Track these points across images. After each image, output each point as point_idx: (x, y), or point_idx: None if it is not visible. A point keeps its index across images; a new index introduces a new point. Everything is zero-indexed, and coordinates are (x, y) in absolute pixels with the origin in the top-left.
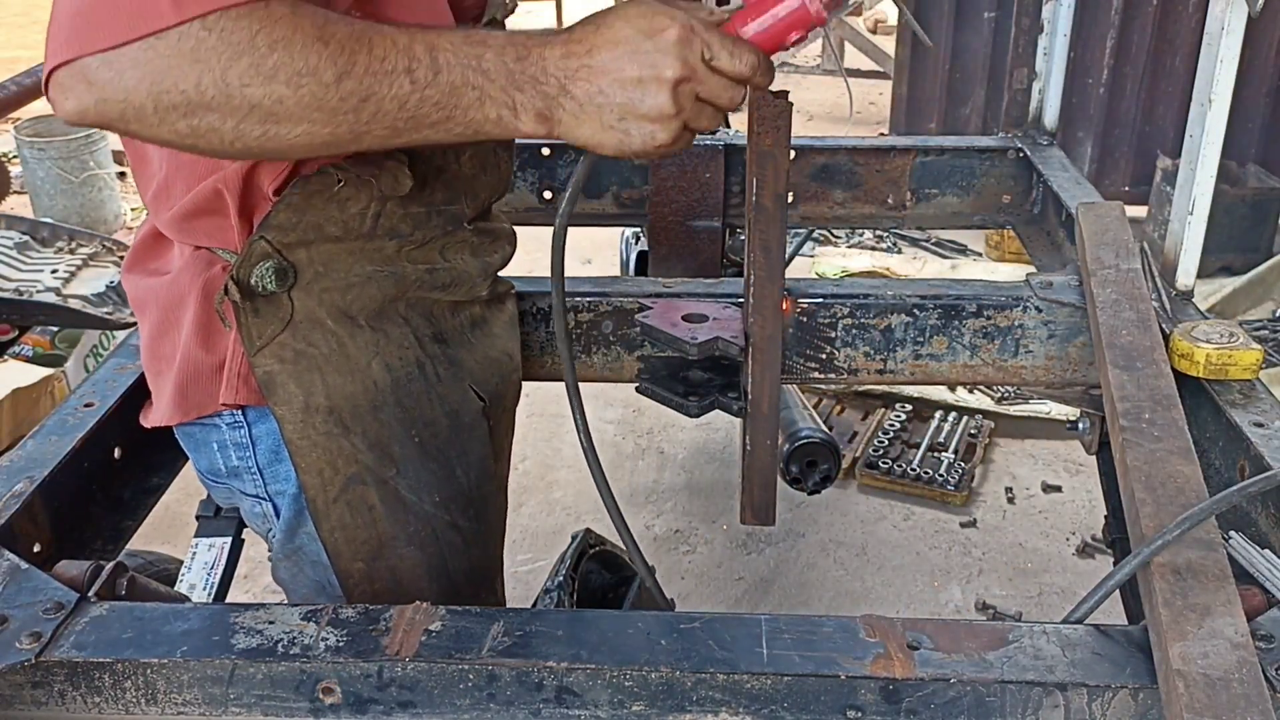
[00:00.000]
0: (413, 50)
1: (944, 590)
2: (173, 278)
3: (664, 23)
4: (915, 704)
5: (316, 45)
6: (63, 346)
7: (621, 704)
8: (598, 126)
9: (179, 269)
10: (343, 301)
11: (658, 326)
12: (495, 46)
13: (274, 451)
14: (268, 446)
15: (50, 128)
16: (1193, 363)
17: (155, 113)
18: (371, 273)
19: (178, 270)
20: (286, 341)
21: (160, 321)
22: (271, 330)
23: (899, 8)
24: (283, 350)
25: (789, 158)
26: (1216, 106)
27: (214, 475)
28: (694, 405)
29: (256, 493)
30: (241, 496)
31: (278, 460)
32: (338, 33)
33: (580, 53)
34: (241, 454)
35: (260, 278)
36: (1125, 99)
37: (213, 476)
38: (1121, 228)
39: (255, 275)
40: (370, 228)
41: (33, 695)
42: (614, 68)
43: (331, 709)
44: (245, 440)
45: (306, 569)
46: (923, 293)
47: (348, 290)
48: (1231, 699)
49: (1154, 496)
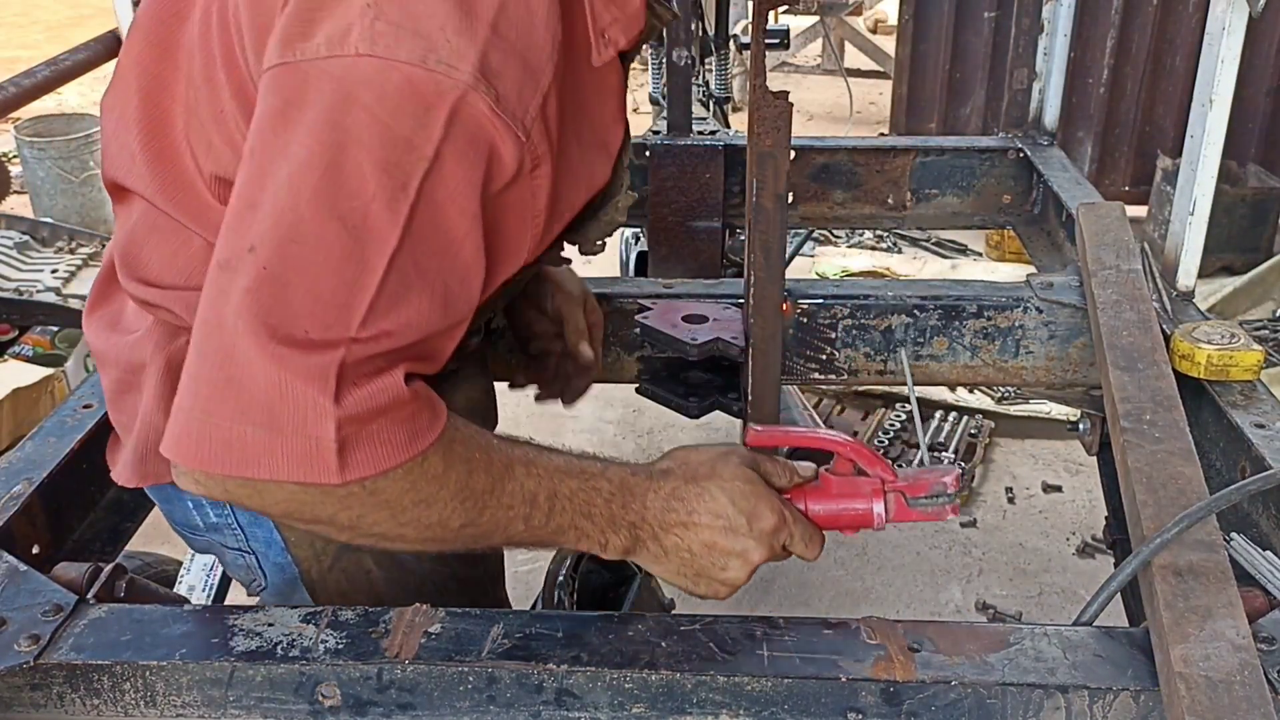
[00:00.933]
0: (536, 499)
1: (944, 590)
2: (134, 342)
3: (764, 512)
4: (916, 706)
5: (454, 502)
6: (63, 346)
7: (622, 706)
8: (673, 572)
9: (139, 335)
10: None
11: (658, 327)
12: (605, 493)
13: (254, 516)
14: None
15: (50, 127)
16: (1194, 363)
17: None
18: None
19: (138, 336)
20: None
21: (120, 380)
22: None
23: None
24: None
25: (789, 158)
26: (1217, 106)
27: (191, 529)
28: (694, 406)
29: (239, 546)
30: (222, 549)
31: (257, 521)
32: (477, 484)
33: (681, 511)
34: (219, 511)
35: None
36: (1125, 99)
37: (189, 530)
38: (1122, 228)
39: None
40: None
41: (31, 697)
42: (708, 538)
43: (331, 711)
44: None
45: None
46: (923, 293)
47: None
48: (1233, 701)
49: (1155, 498)
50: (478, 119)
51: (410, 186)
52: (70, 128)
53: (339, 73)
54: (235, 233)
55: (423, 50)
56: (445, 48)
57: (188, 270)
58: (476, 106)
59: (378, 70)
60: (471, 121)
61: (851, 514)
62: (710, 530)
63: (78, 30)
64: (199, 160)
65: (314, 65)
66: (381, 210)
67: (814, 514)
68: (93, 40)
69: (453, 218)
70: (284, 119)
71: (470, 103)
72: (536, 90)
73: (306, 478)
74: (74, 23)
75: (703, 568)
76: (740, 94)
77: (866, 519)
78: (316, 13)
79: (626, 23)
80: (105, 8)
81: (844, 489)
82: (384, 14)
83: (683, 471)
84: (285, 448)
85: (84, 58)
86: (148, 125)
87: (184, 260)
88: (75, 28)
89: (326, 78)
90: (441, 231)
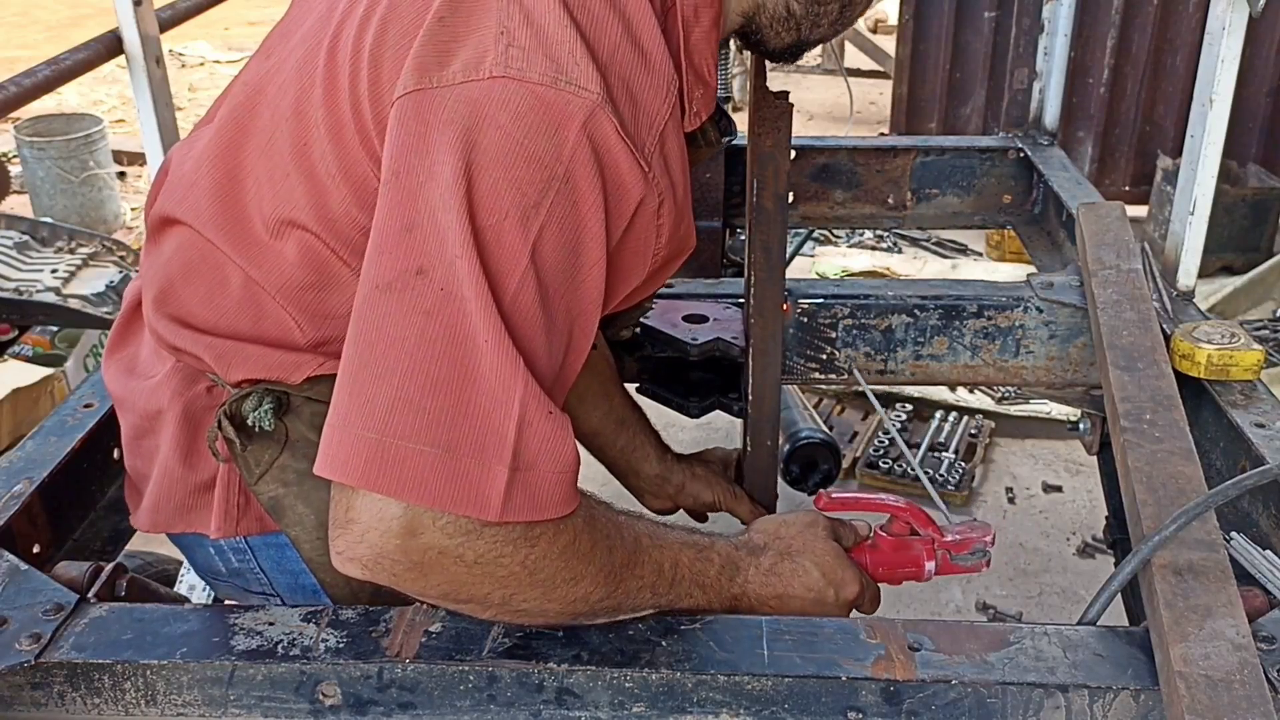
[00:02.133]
0: (662, 570)
1: (944, 590)
2: (151, 388)
3: (849, 583)
4: (916, 705)
5: (599, 577)
6: (63, 346)
7: (622, 705)
8: None
9: (157, 380)
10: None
11: (658, 327)
12: (717, 565)
13: (276, 561)
14: (269, 556)
15: (50, 127)
16: (1194, 363)
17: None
18: None
19: (156, 382)
20: (287, 464)
21: (137, 425)
22: (269, 455)
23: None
24: (284, 474)
25: (789, 158)
26: (1217, 106)
27: (214, 575)
28: (694, 405)
29: (263, 590)
30: (245, 594)
31: (280, 569)
32: (617, 559)
33: (778, 586)
34: (241, 557)
35: (258, 419)
36: (1125, 99)
37: (212, 576)
38: (1122, 228)
39: (252, 416)
40: None
41: (32, 696)
42: (799, 608)
43: (331, 710)
44: (243, 546)
45: None
46: (923, 293)
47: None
48: (1233, 700)
49: (1155, 497)
50: (606, 140)
51: (542, 205)
52: (70, 128)
53: (476, 95)
54: (393, 255)
55: (554, 72)
56: (575, 70)
57: (223, 311)
58: (604, 127)
59: (511, 90)
60: (600, 141)
61: (909, 571)
62: (802, 602)
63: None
64: (263, 201)
65: (451, 90)
66: (514, 228)
67: (874, 572)
68: (93, 40)
69: (584, 241)
70: (425, 141)
71: (599, 122)
72: (651, 127)
73: (466, 509)
74: (74, 23)
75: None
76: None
77: (918, 574)
78: (451, 44)
79: (706, 100)
80: (105, 8)
81: (899, 548)
82: (516, 40)
83: (777, 546)
84: (458, 470)
85: (84, 58)
86: (221, 166)
87: (221, 300)
88: (75, 28)
89: (463, 101)
90: (571, 254)
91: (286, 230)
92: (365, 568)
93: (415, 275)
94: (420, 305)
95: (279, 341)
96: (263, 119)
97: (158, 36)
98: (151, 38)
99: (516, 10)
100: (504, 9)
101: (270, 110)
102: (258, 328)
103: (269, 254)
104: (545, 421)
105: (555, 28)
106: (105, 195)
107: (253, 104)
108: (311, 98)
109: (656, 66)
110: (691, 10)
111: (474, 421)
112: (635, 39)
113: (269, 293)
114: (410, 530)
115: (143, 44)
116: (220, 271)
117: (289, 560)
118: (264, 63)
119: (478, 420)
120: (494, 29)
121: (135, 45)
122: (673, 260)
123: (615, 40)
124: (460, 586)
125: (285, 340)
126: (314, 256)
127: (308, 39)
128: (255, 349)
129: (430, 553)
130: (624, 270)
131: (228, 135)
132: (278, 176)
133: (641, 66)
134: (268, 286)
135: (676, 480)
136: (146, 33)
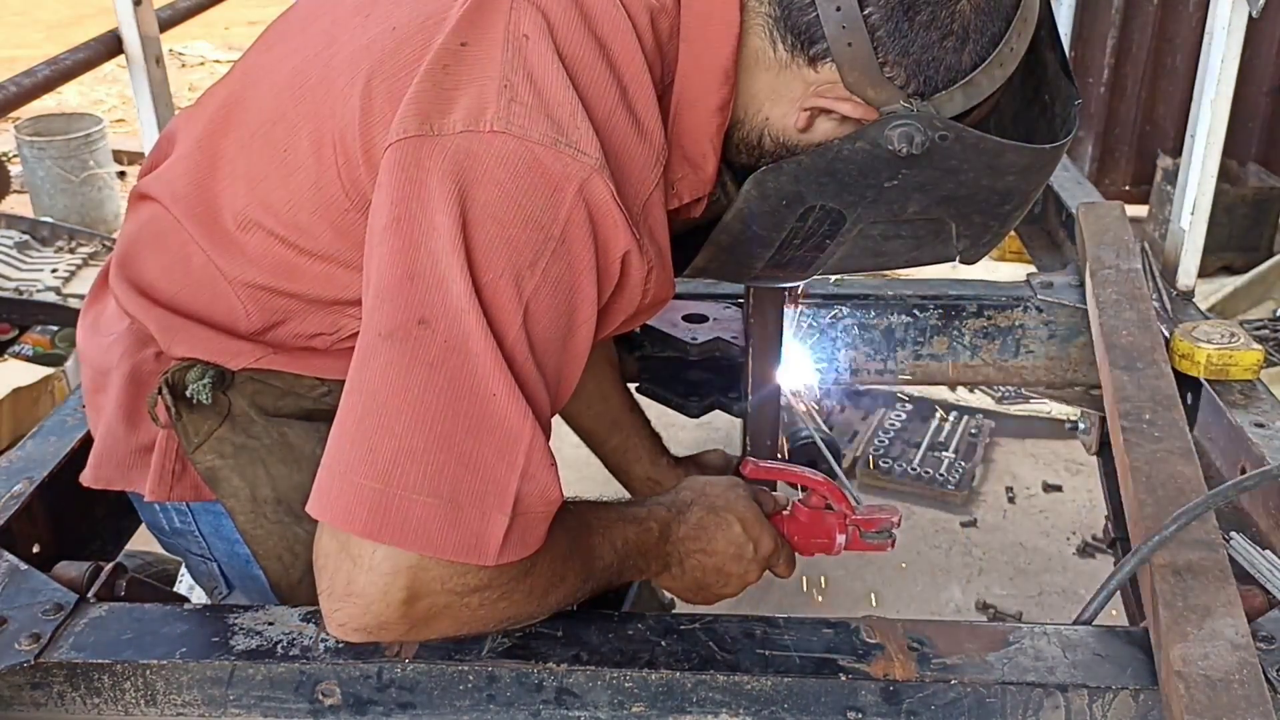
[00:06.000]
0: (615, 545)
1: (944, 590)
2: (107, 345)
3: (766, 540)
4: (916, 705)
5: (578, 567)
6: (63, 346)
7: (621, 705)
8: (681, 587)
9: (113, 339)
10: (273, 407)
11: (658, 327)
12: (655, 534)
13: (214, 528)
14: (208, 521)
15: (50, 127)
16: (1193, 363)
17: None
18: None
19: (112, 340)
20: (225, 436)
21: (93, 380)
22: (209, 426)
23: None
24: (222, 445)
25: None
26: (1217, 106)
27: (159, 531)
28: (694, 405)
29: (201, 554)
30: (187, 554)
31: (217, 535)
32: (579, 547)
33: (702, 540)
34: (183, 519)
35: (197, 391)
36: (1125, 99)
37: (159, 532)
38: (1122, 227)
39: (192, 389)
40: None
41: (32, 696)
42: (718, 563)
43: (331, 710)
44: (185, 509)
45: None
46: (923, 293)
47: (281, 398)
48: (1232, 700)
49: (1155, 497)
50: (601, 204)
51: (537, 266)
52: (70, 127)
53: (477, 148)
54: (394, 304)
55: (554, 133)
56: (575, 133)
57: (180, 286)
58: (600, 192)
59: (511, 148)
60: (595, 205)
61: (820, 543)
62: (723, 556)
63: (78, 30)
64: (237, 196)
65: (451, 140)
66: (508, 286)
67: (790, 540)
68: (93, 40)
69: (576, 303)
70: (424, 189)
71: (595, 186)
72: (638, 195)
73: (465, 557)
74: (74, 22)
75: (708, 584)
76: None
77: (829, 547)
78: (453, 91)
79: (695, 184)
80: (105, 7)
81: (814, 519)
82: (518, 96)
83: (703, 502)
84: (460, 520)
85: (84, 58)
86: (204, 151)
87: (179, 275)
88: (75, 27)
89: (463, 153)
90: (563, 315)
91: (254, 228)
92: (370, 634)
93: (417, 325)
94: (424, 357)
95: (224, 326)
96: (249, 114)
97: (158, 36)
98: (151, 37)
99: (520, 64)
100: (508, 61)
101: (258, 108)
102: (209, 309)
103: (234, 245)
104: (545, 472)
105: (557, 87)
106: (105, 195)
107: (244, 97)
108: (300, 108)
109: (648, 136)
110: (694, 92)
111: (478, 473)
112: (630, 106)
113: (227, 279)
114: (413, 596)
115: (143, 44)
116: (184, 249)
117: (225, 528)
118: (263, 56)
119: (481, 472)
120: (497, 80)
121: (135, 45)
122: (655, 306)
123: (612, 105)
124: (464, 625)
125: (230, 325)
126: (276, 257)
127: (306, 46)
128: (200, 329)
129: (434, 609)
130: (609, 321)
131: (217, 123)
132: (255, 177)
133: (634, 134)
134: (227, 273)
135: (669, 484)
136: (146, 32)
